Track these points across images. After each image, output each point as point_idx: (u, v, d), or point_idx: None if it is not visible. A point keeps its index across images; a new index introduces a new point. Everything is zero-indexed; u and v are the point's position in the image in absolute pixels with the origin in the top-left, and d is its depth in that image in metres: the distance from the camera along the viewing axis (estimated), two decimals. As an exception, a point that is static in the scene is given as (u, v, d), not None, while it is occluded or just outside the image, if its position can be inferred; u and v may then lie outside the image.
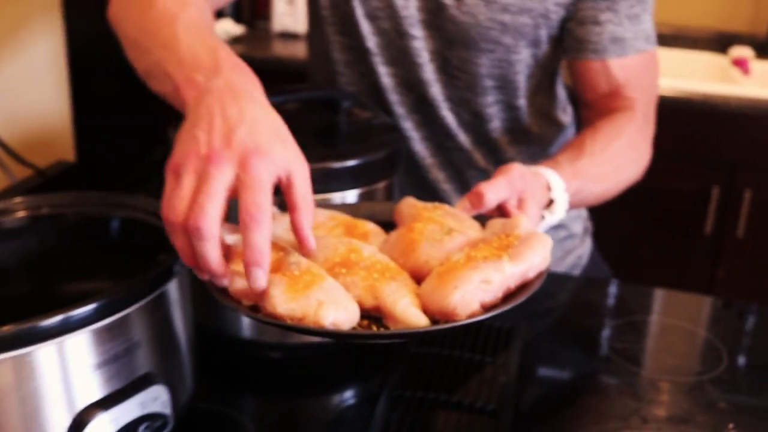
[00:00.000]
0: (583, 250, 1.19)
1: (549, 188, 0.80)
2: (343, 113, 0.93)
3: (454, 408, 0.78)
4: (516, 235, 0.64)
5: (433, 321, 0.58)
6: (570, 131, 1.15)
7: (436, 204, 0.72)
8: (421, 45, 1.00)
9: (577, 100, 1.06)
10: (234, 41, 2.44)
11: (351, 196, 0.82)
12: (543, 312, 1.00)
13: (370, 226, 0.71)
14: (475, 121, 1.06)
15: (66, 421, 0.60)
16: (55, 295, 0.78)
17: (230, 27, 2.49)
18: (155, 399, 0.65)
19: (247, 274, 0.56)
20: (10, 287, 0.77)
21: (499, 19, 0.96)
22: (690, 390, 0.85)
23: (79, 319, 0.58)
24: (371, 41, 1.02)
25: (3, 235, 0.77)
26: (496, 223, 0.68)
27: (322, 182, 0.80)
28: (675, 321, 1.00)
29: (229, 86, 0.62)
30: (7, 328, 0.56)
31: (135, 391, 0.63)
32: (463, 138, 1.06)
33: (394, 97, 1.05)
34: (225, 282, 0.58)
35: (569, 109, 1.16)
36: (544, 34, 1.00)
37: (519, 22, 0.97)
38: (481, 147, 1.07)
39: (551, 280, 1.03)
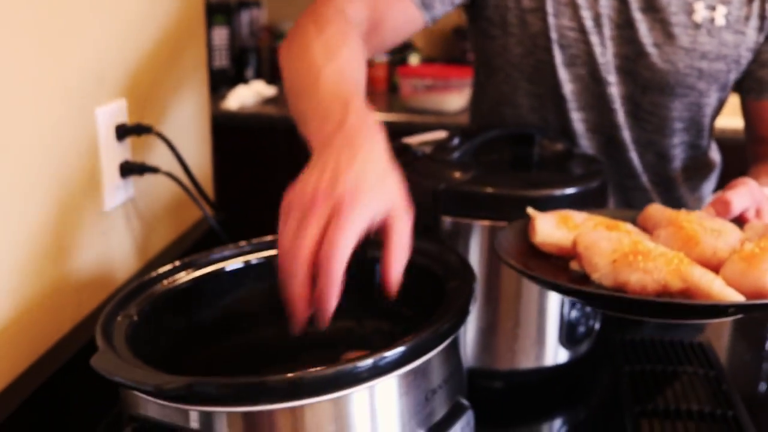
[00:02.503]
0: None
1: None
2: (538, 145, 0.99)
3: (692, 417, 0.81)
4: (788, 233, 0.70)
5: None
6: (718, 163, 1.21)
7: (684, 210, 0.78)
8: (614, 91, 1.06)
9: (748, 135, 1.12)
10: (266, 102, 2.51)
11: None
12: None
13: (630, 226, 0.76)
14: (657, 162, 1.11)
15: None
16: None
17: (262, 88, 2.56)
18: (468, 423, 0.66)
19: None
20: (259, 330, 0.78)
21: (697, 66, 1.02)
22: None
23: (389, 363, 0.57)
24: (567, 88, 1.06)
25: (254, 278, 0.78)
26: (756, 226, 0.74)
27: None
28: None
29: (348, 138, 0.64)
30: (326, 371, 0.55)
31: (456, 419, 0.64)
32: (644, 178, 1.11)
33: (583, 141, 1.08)
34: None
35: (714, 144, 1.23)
36: (732, 78, 1.06)
37: (714, 68, 1.03)
38: (658, 186, 1.13)
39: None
